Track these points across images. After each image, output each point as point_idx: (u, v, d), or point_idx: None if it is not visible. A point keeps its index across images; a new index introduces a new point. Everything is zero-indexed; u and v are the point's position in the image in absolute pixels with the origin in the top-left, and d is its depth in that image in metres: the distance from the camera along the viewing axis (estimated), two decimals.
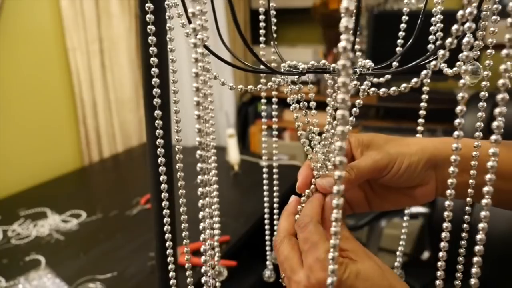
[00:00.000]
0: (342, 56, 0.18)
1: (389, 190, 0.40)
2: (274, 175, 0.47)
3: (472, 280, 0.28)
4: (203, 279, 0.32)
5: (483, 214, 0.25)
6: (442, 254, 0.31)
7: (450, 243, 0.37)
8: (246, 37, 0.39)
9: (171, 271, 0.41)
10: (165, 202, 0.39)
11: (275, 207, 0.48)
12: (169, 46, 0.35)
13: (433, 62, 0.28)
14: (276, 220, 0.47)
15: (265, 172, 0.45)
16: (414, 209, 1.23)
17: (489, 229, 0.26)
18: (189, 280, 0.40)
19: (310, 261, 0.31)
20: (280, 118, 2.55)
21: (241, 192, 1.35)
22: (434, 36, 0.35)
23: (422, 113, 0.40)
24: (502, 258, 1.01)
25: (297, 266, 0.32)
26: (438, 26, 0.35)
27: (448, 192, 0.30)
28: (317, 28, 2.47)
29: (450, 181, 0.30)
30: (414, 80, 0.31)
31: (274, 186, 0.47)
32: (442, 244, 0.31)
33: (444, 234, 0.30)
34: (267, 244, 0.48)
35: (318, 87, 2.36)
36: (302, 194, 0.39)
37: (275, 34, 0.36)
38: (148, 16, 0.33)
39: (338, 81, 0.18)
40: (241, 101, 2.57)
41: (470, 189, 0.35)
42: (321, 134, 0.39)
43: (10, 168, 1.36)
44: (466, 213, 0.37)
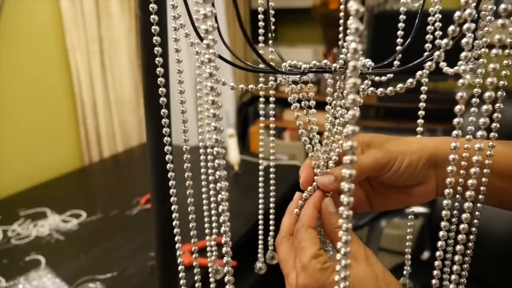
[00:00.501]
0: (352, 57, 0.18)
1: (390, 188, 0.40)
2: (271, 175, 0.47)
3: (454, 266, 0.28)
4: (211, 279, 0.32)
5: (466, 205, 0.25)
6: (439, 253, 0.31)
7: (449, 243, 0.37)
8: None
9: (181, 272, 0.41)
10: (173, 198, 0.39)
11: (271, 207, 0.48)
12: (174, 47, 0.35)
13: (428, 63, 0.28)
14: (272, 220, 0.47)
15: (261, 169, 0.45)
16: (414, 209, 1.23)
17: (489, 229, 0.26)
18: (196, 277, 0.40)
19: (298, 265, 0.32)
20: (280, 118, 2.55)
21: (241, 192, 1.35)
22: (432, 36, 0.35)
23: (421, 113, 0.40)
24: (502, 258, 1.01)
25: (291, 268, 0.34)
26: (436, 25, 0.35)
27: (446, 191, 0.30)
28: (317, 28, 2.47)
29: (448, 180, 0.30)
30: (410, 80, 0.31)
31: (270, 186, 0.47)
32: (440, 243, 0.31)
33: (442, 233, 0.30)
34: (259, 240, 0.48)
35: (318, 87, 2.36)
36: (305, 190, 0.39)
37: (274, 34, 0.36)
38: (152, 16, 0.33)
39: (348, 81, 0.19)
40: (241, 101, 2.57)
41: (468, 192, 0.35)
42: (321, 133, 0.39)
43: (10, 168, 1.36)
44: (465, 212, 0.37)
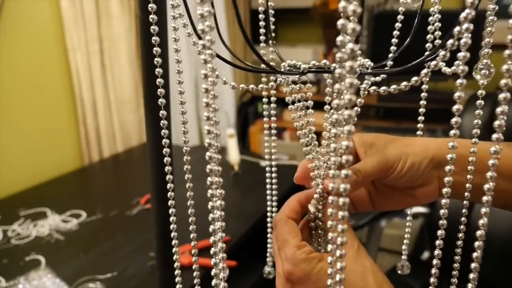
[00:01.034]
0: (349, 57, 0.18)
1: (392, 189, 0.40)
2: (272, 174, 0.47)
3: (471, 274, 0.28)
4: (213, 282, 0.32)
5: (483, 210, 0.25)
6: (437, 252, 0.31)
7: (449, 243, 0.37)
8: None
9: (177, 269, 0.41)
10: (171, 201, 0.39)
11: (274, 205, 0.48)
12: (174, 47, 0.35)
13: (433, 62, 0.28)
14: (270, 222, 0.47)
15: (268, 171, 0.45)
16: (414, 209, 1.23)
17: (489, 229, 0.26)
18: (196, 280, 0.40)
19: (283, 256, 0.33)
20: (280, 118, 2.55)
21: (241, 192, 1.35)
22: (432, 35, 0.35)
23: (422, 110, 0.40)
24: (502, 258, 1.01)
25: (278, 259, 0.35)
26: (436, 25, 0.35)
27: (444, 190, 0.30)
28: (317, 28, 2.47)
29: (446, 179, 0.30)
30: (415, 78, 0.31)
31: (267, 185, 0.47)
32: (437, 242, 0.31)
33: (440, 232, 0.30)
34: (269, 241, 0.48)
35: (318, 87, 2.36)
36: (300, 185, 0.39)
37: (274, 34, 0.36)
38: (151, 16, 0.33)
39: (344, 81, 0.18)
40: (241, 101, 2.57)
41: (467, 192, 0.35)
42: (319, 134, 0.39)
43: (10, 168, 1.36)
44: (463, 215, 0.37)
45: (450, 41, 0.25)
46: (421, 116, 0.41)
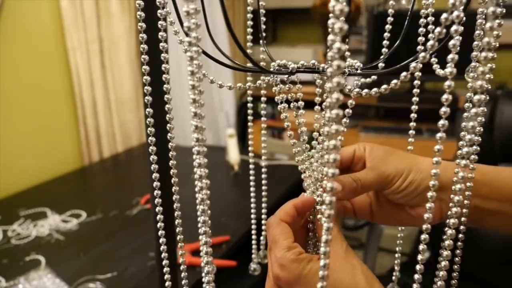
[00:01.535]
0: (336, 56, 0.18)
1: (392, 204, 0.40)
2: (262, 175, 0.47)
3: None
4: (205, 280, 0.32)
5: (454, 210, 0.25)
6: (422, 247, 0.31)
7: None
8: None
9: (167, 269, 0.41)
10: (158, 199, 0.39)
11: (263, 207, 0.48)
12: (161, 44, 0.34)
13: (413, 64, 0.28)
14: (264, 220, 0.48)
15: (263, 172, 0.45)
16: None
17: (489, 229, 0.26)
18: (184, 281, 0.40)
19: (273, 258, 0.34)
20: (280, 118, 2.55)
21: (241, 192, 1.35)
22: (425, 38, 0.35)
23: (414, 108, 0.41)
24: (502, 258, 1.01)
25: (269, 261, 0.35)
26: (430, 28, 0.35)
27: (429, 194, 0.31)
28: (317, 28, 2.47)
29: (433, 171, 0.30)
30: (394, 81, 0.32)
31: (263, 186, 0.47)
32: (422, 236, 0.31)
33: (423, 236, 0.31)
34: (253, 240, 0.48)
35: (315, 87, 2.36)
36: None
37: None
38: (138, 13, 0.33)
39: (332, 81, 0.18)
40: (241, 101, 2.57)
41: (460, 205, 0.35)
42: (311, 132, 0.39)
43: (10, 168, 1.36)
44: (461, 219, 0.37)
45: (430, 42, 0.25)
46: (413, 117, 0.41)
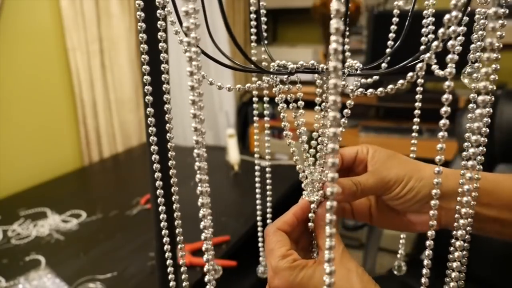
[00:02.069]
0: (333, 57, 0.18)
1: (391, 209, 0.40)
2: (267, 175, 0.47)
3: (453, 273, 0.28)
4: (206, 278, 0.32)
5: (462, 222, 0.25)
6: (428, 252, 0.31)
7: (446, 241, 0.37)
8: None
9: (170, 269, 0.41)
10: (160, 199, 0.39)
11: (268, 206, 0.48)
12: (160, 44, 0.34)
13: (419, 64, 0.28)
14: (269, 219, 0.48)
15: (257, 170, 0.45)
16: None
17: None
18: (185, 283, 0.40)
19: (268, 267, 0.34)
20: (279, 118, 2.55)
21: (241, 192, 1.35)
22: (426, 38, 0.35)
23: (418, 105, 0.41)
24: (502, 258, 1.01)
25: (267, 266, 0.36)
26: (430, 28, 0.35)
27: (434, 191, 0.31)
28: (317, 28, 2.47)
29: (436, 180, 0.30)
30: (400, 81, 0.32)
31: (267, 186, 0.47)
32: (428, 242, 0.31)
33: (430, 233, 0.30)
34: (259, 243, 0.49)
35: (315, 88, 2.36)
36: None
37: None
38: (138, 13, 0.33)
39: (329, 82, 0.18)
40: (241, 101, 2.57)
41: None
42: (311, 132, 0.39)
43: (10, 168, 1.36)
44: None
45: (435, 43, 0.25)
46: (416, 115, 0.41)
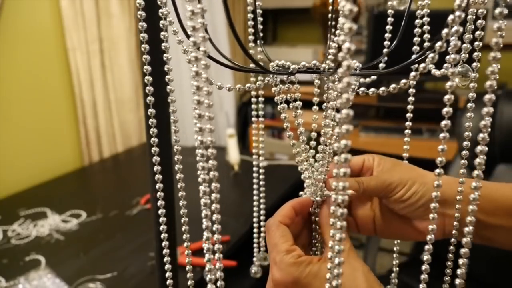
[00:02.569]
0: (345, 56, 0.18)
1: (395, 218, 0.40)
2: (260, 176, 0.47)
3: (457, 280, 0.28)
4: (208, 277, 0.32)
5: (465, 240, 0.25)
6: (428, 248, 0.31)
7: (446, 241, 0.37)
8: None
9: (168, 271, 0.41)
10: (160, 201, 0.39)
11: (262, 208, 0.48)
12: (163, 44, 0.35)
13: (422, 65, 0.28)
14: (263, 221, 0.48)
15: (255, 171, 0.45)
16: None
17: None
18: (189, 282, 0.40)
19: (271, 261, 0.34)
20: (279, 118, 2.55)
21: (241, 192, 1.35)
22: (420, 38, 0.35)
23: (410, 107, 0.41)
24: (501, 258, 1.01)
25: (270, 263, 0.36)
26: (425, 28, 0.35)
27: (434, 194, 0.31)
28: (317, 28, 2.47)
29: (436, 183, 0.30)
30: (403, 81, 0.32)
31: (261, 187, 0.47)
32: (426, 247, 0.31)
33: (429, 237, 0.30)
34: (254, 242, 0.48)
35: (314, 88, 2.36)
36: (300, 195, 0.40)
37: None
38: (139, 13, 0.33)
39: (342, 81, 0.18)
40: (241, 101, 2.57)
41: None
42: (310, 132, 0.39)
43: (10, 168, 1.36)
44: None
45: (439, 43, 0.25)
46: (409, 117, 0.41)
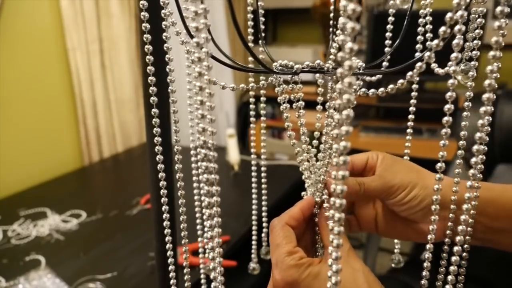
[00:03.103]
0: (348, 56, 0.18)
1: (396, 218, 0.40)
2: (262, 174, 0.47)
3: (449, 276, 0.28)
4: (211, 276, 0.32)
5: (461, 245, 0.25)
6: (429, 247, 0.31)
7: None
8: (246, 37, 0.39)
9: (171, 272, 0.41)
10: (164, 200, 0.39)
11: (264, 209, 0.48)
12: (165, 45, 0.34)
13: (419, 64, 0.28)
14: (265, 222, 0.48)
15: (254, 170, 0.45)
16: None
17: None
18: (186, 280, 0.40)
19: (273, 261, 0.34)
20: (280, 118, 2.55)
21: (241, 192, 1.35)
22: (423, 37, 0.35)
23: (412, 109, 0.41)
24: (500, 258, 1.01)
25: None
26: (427, 27, 0.35)
27: (434, 197, 0.31)
28: (317, 28, 2.47)
29: (436, 187, 0.30)
30: (400, 81, 0.32)
31: (262, 185, 0.47)
32: (427, 246, 0.31)
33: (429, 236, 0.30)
34: (253, 240, 0.48)
35: (317, 87, 2.36)
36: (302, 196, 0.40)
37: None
38: (142, 13, 0.33)
39: (343, 82, 0.18)
40: (241, 101, 2.57)
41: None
42: (313, 132, 0.39)
43: (10, 168, 1.36)
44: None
45: (435, 41, 0.25)
46: (411, 116, 0.41)
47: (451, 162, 1.18)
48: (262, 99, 0.44)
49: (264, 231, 0.49)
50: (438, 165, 0.28)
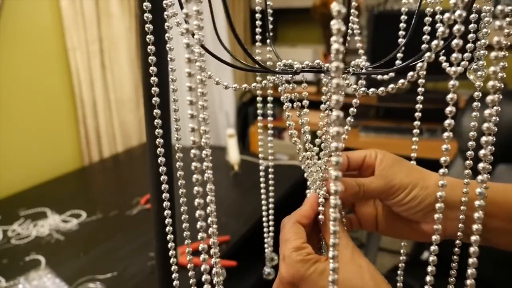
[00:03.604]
0: (334, 57, 0.18)
1: (396, 218, 0.40)
2: (269, 175, 0.47)
3: (468, 281, 0.28)
4: (204, 277, 0.32)
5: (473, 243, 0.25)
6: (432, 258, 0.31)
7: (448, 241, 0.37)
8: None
9: (174, 272, 0.41)
10: (165, 200, 0.39)
11: (271, 207, 0.48)
12: (167, 45, 0.35)
13: (419, 64, 0.28)
14: (271, 221, 0.48)
15: (261, 170, 0.45)
16: None
17: None
18: (191, 280, 0.40)
19: (280, 256, 0.34)
20: (280, 118, 2.55)
21: (241, 192, 1.35)
22: (429, 36, 0.35)
23: (419, 106, 0.41)
24: (502, 258, 1.01)
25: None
26: (437, 26, 0.35)
27: (438, 194, 0.30)
28: (317, 28, 2.47)
29: (441, 182, 0.30)
30: (401, 81, 0.32)
31: (269, 187, 0.47)
32: (432, 247, 0.31)
33: (434, 237, 0.30)
34: (266, 242, 0.48)
35: (318, 87, 2.36)
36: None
37: (274, 34, 0.36)
38: (146, 15, 0.33)
39: (332, 82, 0.18)
40: (241, 101, 2.57)
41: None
42: (314, 132, 0.39)
43: (10, 168, 1.36)
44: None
45: (434, 42, 0.25)
46: (417, 117, 0.41)
47: (451, 162, 1.18)
48: (269, 99, 0.44)
49: (265, 230, 0.48)
50: (441, 171, 0.28)
